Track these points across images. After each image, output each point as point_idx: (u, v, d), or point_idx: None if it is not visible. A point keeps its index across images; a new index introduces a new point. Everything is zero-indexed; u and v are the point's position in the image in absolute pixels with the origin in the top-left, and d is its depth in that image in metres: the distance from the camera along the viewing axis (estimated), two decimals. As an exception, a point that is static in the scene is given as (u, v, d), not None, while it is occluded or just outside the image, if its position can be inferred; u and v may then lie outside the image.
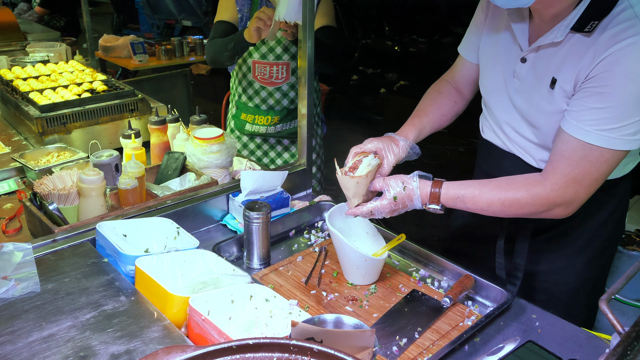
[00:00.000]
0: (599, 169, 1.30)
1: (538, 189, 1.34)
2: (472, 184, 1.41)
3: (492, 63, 1.58)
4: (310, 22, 1.89)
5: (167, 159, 2.03)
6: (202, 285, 1.33)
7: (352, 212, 1.46)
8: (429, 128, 1.67)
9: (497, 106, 1.60)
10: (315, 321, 1.12)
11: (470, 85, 1.77)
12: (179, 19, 8.02)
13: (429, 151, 5.34)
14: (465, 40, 1.73)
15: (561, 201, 1.34)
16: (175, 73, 5.00)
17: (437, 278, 1.57)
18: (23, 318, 1.18)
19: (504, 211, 1.39)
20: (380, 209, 1.42)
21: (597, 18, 1.26)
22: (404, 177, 1.43)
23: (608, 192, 1.56)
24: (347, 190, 1.44)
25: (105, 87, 2.55)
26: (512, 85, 1.51)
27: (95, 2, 10.04)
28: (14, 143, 2.44)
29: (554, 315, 1.41)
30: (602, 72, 1.24)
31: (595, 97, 1.26)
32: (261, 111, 2.60)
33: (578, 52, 1.31)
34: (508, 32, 1.52)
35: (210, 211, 1.84)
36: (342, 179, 1.43)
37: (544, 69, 1.40)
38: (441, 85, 1.78)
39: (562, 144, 1.32)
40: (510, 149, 1.61)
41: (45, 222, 1.58)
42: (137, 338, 1.13)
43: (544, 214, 1.38)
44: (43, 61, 3.06)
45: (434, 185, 1.41)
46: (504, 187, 1.38)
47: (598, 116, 1.25)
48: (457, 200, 1.40)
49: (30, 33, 4.41)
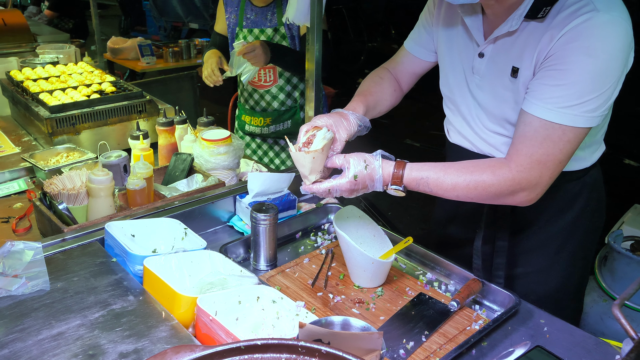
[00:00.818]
0: (562, 149, 1.29)
1: (503, 170, 1.33)
2: (435, 165, 1.38)
3: (451, 62, 1.59)
4: (318, 25, 1.89)
5: (175, 160, 2.04)
6: (210, 286, 1.34)
7: (307, 188, 1.40)
8: (373, 107, 1.64)
9: (462, 104, 1.60)
10: (323, 323, 1.13)
11: (410, 79, 1.78)
12: (186, 22, 8.03)
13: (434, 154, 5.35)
14: (412, 36, 1.75)
15: (526, 184, 1.32)
16: (182, 75, 5.02)
17: (444, 282, 1.57)
18: (33, 316, 1.19)
19: (468, 194, 1.36)
20: (338, 188, 1.36)
21: (549, 4, 1.28)
22: (365, 155, 1.38)
23: (578, 183, 1.56)
24: (303, 167, 1.38)
25: (114, 89, 2.56)
26: (472, 82, 1.52)
27: (103, 4, 10.10)
28: (24, 143, 2.46)
29: (562, 320, 1.40)
30: (560, 50, 1.25)
31: (555, 74, 1.26)
32: (255, 113, 2.72)
33: (535, 37, 1.32)
34: (463, 29, 1.53)
35: (217, 212, 1.85)
36: (296, 155, 1.37)
37: (503, 60, 1.41)
38: (382, 72, 1.78)
39: (525, 125, 1.32)
40: (480, 149, 1.60)
41: (54, 221, 1.59)
42: (145, 337, 1.14)
43: (508, 199, 1.36)
44: (53, 62, 3.08)
45: (397, 166, 1.37)
46: (469, 169, 1.36)
47: (558, 94, 1.26)
48: (421, 181, 1.37)
49: (40, 35, 4.44)
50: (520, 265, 1.68)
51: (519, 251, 1.67)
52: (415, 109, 6.40)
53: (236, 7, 2.64)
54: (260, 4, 2.56)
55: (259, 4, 2.56)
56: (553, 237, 1.63)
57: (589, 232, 1.68)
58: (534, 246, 1.65)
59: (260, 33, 2.55)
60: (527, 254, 1.67)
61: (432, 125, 6.17)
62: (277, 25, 2.51)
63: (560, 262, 1.66)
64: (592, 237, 1.71)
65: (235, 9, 2.64)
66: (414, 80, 1.79)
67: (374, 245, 1.61)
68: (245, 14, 2.60)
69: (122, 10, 9.45)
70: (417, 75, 1.78)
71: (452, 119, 1.68)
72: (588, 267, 1.77)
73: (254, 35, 2.57)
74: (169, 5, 7.98)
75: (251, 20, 2.59)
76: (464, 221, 1.77)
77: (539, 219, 1.62)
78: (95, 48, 4.49)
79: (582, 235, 1.66)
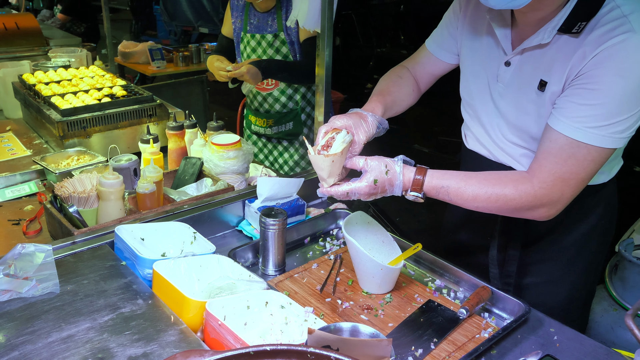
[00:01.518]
0: (586, 168, 1.29)
1: (526, 185, 1.32)
2: (457, 175, 1.37)
3: (475, 68, 1.58)
4: (329, 30, 1.90)
5: (185, 164, 2.05)
6: (218, 291, 1.34)
7: (326, 191, 1.39)
8: (391, 107, 1.62)
9: (482, 111, 1.58)
10: (332, 329, 1.12)
11: (429, 79, 1.77)
12: (196, 26, 8.10)
13: (443, 160, 5.34)
14: (435, 37, 1.73)
15: (547, 200, 1.32)
16: (192, 79, 5.05)
17: (453, 289, 1.57)
18: (43, 318, 1.20)
19: (488, 206, 1.36)
20: (357, 191, 1.36)
21: (585, 19, 1.26)
22: (386, 159, 1.37)
23: (595, 197, 1.55)
24: (322, 171, 1.36)
25: (125, 92, 2.58)
26: (495, 90, 1.51)
27: (113, 8, 10.17)
28: (35, 146, 2.48)
29: (572, 329, 1.39)
30: (592, 70, 1.24)
31: (585, 94, 1.25)
32: (259, 114, 2.78)
33: (567, 52, 1.30)
34: (490, 36, 1.52)
35: (226, 217, 1.85)
36: (315, 158, 1.35)
37: (531, 72, 1.40)
38: (402, 70, 1.76)
39: (550, 142, 1.31)
40: (497, 158, 1.59)
41: (65, 224, 1.60)
42: (154, 341, 1.14)
43: (527, 213, 1.36)
44: (64, 66, 3.11)
45: (418, 172, 1.36)
46: (492, 181, 1.35)
47: (587, 113, 1.24)
48: (441, 190, 1.36)
49: (52, 38, 4.47)
50: (531, 275, 1.67)
51: (530, 261, 1.66)
52: (425, 114, 6.40)
53: (241, 12, 2.68)
54: (262, 10, 2.59)
55: (261, 10, 2.59)
56: (566, 249, 1.62)
57: (601, 245, 1.68)
58: (546, 257, 1.64)
59: (262, 39, 2.59)
60: (538, 264, 1.66)
61: (441, 131, 6.16)
62: (277, 30, 2.54)
63: (572, 274, 1.64)
64: (603, 248, 1.70)
65: (240, 13, 2.68)
66: (432, 80, 1.78)
67: (382, 251, 1.60)
68: (249, 19, 2.65)
69: (132, 15, 9.52)
70: (436, 76, 1.77)
71: (470, 124, 1.66)
72: (597, 278, 1.76)
73: (256, 40, 2.61)
74: (180, 9, 8.05)
75: (254, 26, 2.62)
76: (476, 229, 1.76)
77: (553, 230, 1.60)
78: (106, 52, 4.52)
79: (595, 248, 1.65)
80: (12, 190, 2.10)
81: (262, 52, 2.62)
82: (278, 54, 2.58)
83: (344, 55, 9.24)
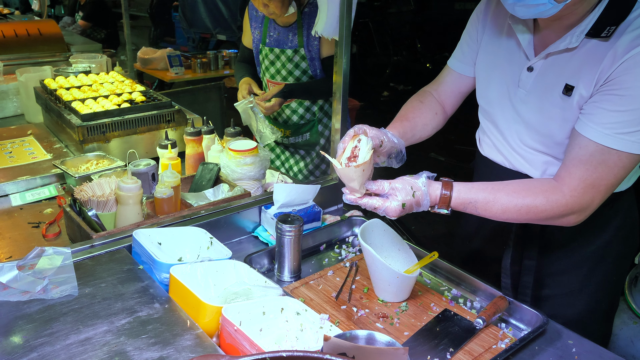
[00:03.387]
0: (616, 174, 1.28)
1: (557, 195, 1.31)
2: (484, 187, 1.35)
3: (493, 74, 1.56)
4: (347, 38, 1.90)
5: (202, 169, 2.06)
6: (234, 296, 1.34)
7: (355, 200, 1.35)
8: (410, 134, 1.60)
9: (501, 117, 1.57)
10: (347, 336, 1.12)
11: (455, 99, 1.73)
12: (214, 33, 8.17)
13: (459, 169, 5.31)
14: (457, 54, 1.70)
15: (578, 207, 1.31)
16: (210, 86, 5.09)
17: (470, 298, 1.55)
18: (61, 321, 1.21)
19: (519, 218, 1.35)
20: (386, 212, 1.33)
21: (614, 23, 1.26)
22: (412, 181, 1.34)
23: (613, 206, 1.53)
24: (353, 182, 1.32)
25: (144, 98, 2.61)
26: (516, 95, 1.49)
27: (133, 15, 10.30)
28: (55, 150, 2.51)
29: (591, 342, 1.37)
30: (622, 75, 1.23)
31: (615, 99, 1.24)
32: (277, 123, 2.80)
33: (596, 57, 1.29)
34: (510, 41, 1.50)
35: (242, 222, 1.86)
36: (345, 171, 1.31)
37: (556, 76, 1.39)
38: (424, 95, 1.73)
39: (580, 149, 1.30)
40: (513, 165, 1.57)
41: (84, 227, 1.62)
42: (170, 345, 1.15)
43: (557, 221, 1.35)
44: (85, 72, 3.15)
45: (445, 187, 1.34)
46: (521, 192, 1.33)
47: (617, 119, 1.24)
48: (469, 205, 1.34)
49: (74, 45, 4.54)
50: (548, 286, 1.65)
51: (547, 272, 1.64)
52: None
53: (260, 23, 2.68)
54: (283, 24, 2.59)
55: (281, 24, 2.60)
56: (584, 260, 1.60)
57: (622, 256, 1.65)
58: (564, 268, 1.62)
59: (281, 53, 2.60)
60: (556, 275, 1.64)
61: (457, 139, 6.13)
62: (297, 46, 2.55)
63: (591, 285, 1.62)
64: (624, 261, 1.67)
65: (259, 25, 2.69)
66: (459, 100, 1.73)
67: (398, 259, 1.60)
68: (268, 32, 2.65)
69: (152, 22, 9.64)
70: (463, 95, 1.72)
71: (487, 130, 1.65)
72: (619, 291, 1.73)
73: (274, 54, 2.62)
74: (198, 17, 8.12)
75: (274, 39, 2.63)
76: (490, 238, 1.74)
77: (571, 241, 1.59)
78: (125, 58, 4.58)
79: (615, 259, 1.63)
80: (33, 193, 2.13)
81: (281, 66, 2.63)
82: (297, 68, 2.61)
83: (360, 63, 9.26)
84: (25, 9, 7.97)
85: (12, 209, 2.03)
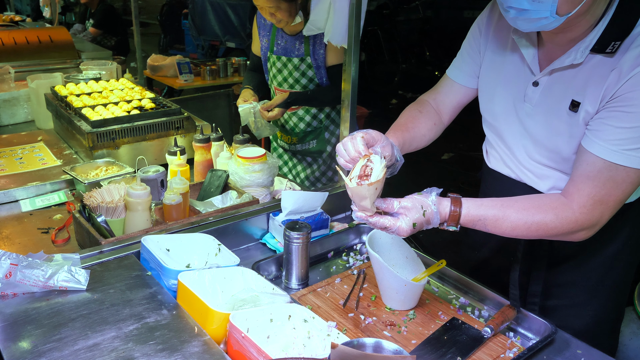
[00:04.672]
0: (625, 189, 1.28)
1: (567, 212, 1.30)
2: (494, 204, 1.33)
3: (498, 88, 1.55)
4: (356, 46, 1.91)
5: (210, 176, 2.07)
6: (242, 303, 1.35)
7: (364, 218, 1.30)
8: (408, 145, 1.57)
9: (507, 131, 1.56)
10: (355, 344, 1.12)
11: (453, 110, 1.71)
12: (223, 41, 8.21)
13: (469, 177, 5.30)
14: (457, 64, 1.68)
15: (588, 224, 1.31)
16: (219, 93, 5.12)
17: (478, 307, 1.54)
18: (70, 326, 1.22)
19: (528, 235, 1.33)
20: (397, 231, 1.29)
21: (619, 38, 1.25)
22: (422, 199, 1.31)
23: (621, 218, 1.52)
24: (364, 200, 1.29)
25: (153, 105, 2.63)
26: (523, 110, 1.48)
27: (143, 22, 10.39)
28: (65, 156, 2.53)
29: (600, 352, 1.36)
30: (628, 92, 1.22)
31: (622, 116, 1.24)
32: (285, 130, 2.81)
33: (601, 73, 1.29)
34: (515, 56, 1.49)
35: (250, 229, 1.86)
36: (358, 189, 1.27)
37: (561, 92, 1.38)
38: (422, 105, 1.70)
39: (587, 165, 1.29)
40: (520, 178, 1.57)
41: (92, 233, 1.63)
42: (178, 352, 1.15)
43: (566, 237, 1.34)
44: (95, 78, 3.18)
45: (454, 204, 1.31)
46: (530, 210, 1.32)
47: (625, 136, 1.23)
48: (478, 222, 1.32)
49: (84, 51, 4.58)
50: (557, 297, 1.64)
51: (556, 283, 1.63)
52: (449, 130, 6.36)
53: (268, 31, 2.70)
54: (290, 33, 2.61)
55: (288, 32, 2.62)
56: (593, 270, 1.59)
57: (629, 265, 1.64)
58: (573, 279, 1.61)
59: (288, 61, 2.61)
60: (564, 286, 1.63)
61: (466, 147, 6.12)
62: (303, 55, 2.57)
63: (600, 296, 1.61)
64: (631, 269, 1.66)
65: (267, 33, 2.71)
66: (456, 111, 1.72)
67: (406, 267, 1.59)
68: (276, 40, 2.67)
69: (161, 29, 9.72)
70: (461, 106, 1.71)
71: (494, 143, 1.64)
72: (626, 300, 1.72)
73: (282, 62, 2.64)
74: (207, 24, 8.18)
75: (281, 47, 2.65)
76: (498, 248, 1.73)
77: (579, 252, 1.58)
78: (135, 65, 4.62)
79: (623, 269, 1.62)
80: (42, 199, 2.15)
81: (288, 74, 2.65)
82: (304, 76, 2.62)
83: (369, 71, 9.28)
84: (36, 16, 8.06)
85: (22, 215, 2.04)
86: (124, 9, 12.61)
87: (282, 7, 2.38)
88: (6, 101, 3.13)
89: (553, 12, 1.22)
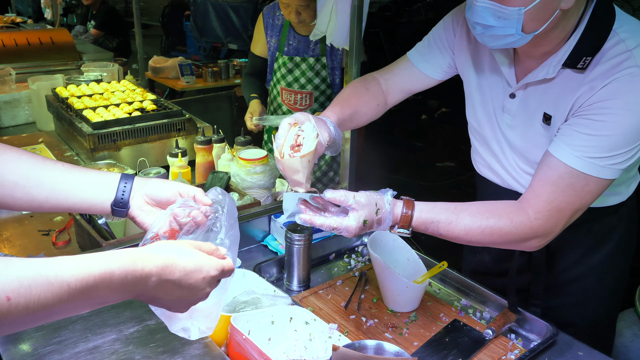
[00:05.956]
0: (582, 198, 1.25)
1: (522, 217, 1.26)
2: (447, 207, 1.27)
3: (480, 96, 1.54)
4: (357, 47, 1.91)
5: (212, 178, 2.07)
6: (243, 305, 1.35)
7: (309, 220, 1.21)
8: (348, 122, 1.50)
9: (491, 139, 1.55)
10: (356, 346, 1.11)
11: (402, 93, 1.65)
12: (225, 42, 8.22)
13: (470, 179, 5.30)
14: (421, 49, 1.63)
15: (542, 231, 1.27)
16: (221, 95, 5.11)
17: (479, 309, 1.54)
18: (70, 329, 1.21)
19: (482, 240, 1.28)
20: (346, 230, 1.20)
21: (590, 54, 1.25)
22: (376, 197, 1.22)
23: (615, 215, 1.53)
24: (297, 174, 1.20)
25: (155, 107, 2.62)
26: (503, 120, 1.48)
27: (145, 24, 10.41)
28: (66, 158, 2.53)
29: (602, 354, 1.36)
30: (600, 101, 1.22)
31: (590, 124, 1.23)
32: None
33: (572, 87, 1.28)
34: (492, 65, 1.48)
35: (252, 231, 1.86)
36: (290, 161, 1.20)
37: (536, 105, 1.38)
38: (370, 82, 1.62)
39: (549, 169, 1.26)
40: (509, 185, 1.56)
41: (93, 235, 1.63)
42: (179, 354, 1.15)
43: (520, 245, 1.30)
44: (97, 80, 3.18)
45: (406, 206, 1.24)
46: (485, 213, 1.27)
47: (590, 143, 1.22)
48: (431, 224, 1.26)
49: (85, 53, 4.58)
50: (557, 296, 1.64)
51: (556, 283, 1.63)
52: (450, 132, 6.37)
53: (278, 32, 2.69)
54: (304, 33, 2.61)
55: (303, 33, 2.61)
56: (593, 269, 1.60)
57: (625, 261, 1.66)
58: (572, 279, 1.62)
59: (302, 61, 2.61)
60: (564, 286, 1.63)
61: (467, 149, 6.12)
62: (319, 55, 2.57)
63: (600, 294, 1.62)
64: (627, 265, 1.68)
65: (276, 33, 2.69)
66: (405, 95, 1.66)
67: (408, 269, 1.59)
68: (287, 40, 2.66)
69: (163, 31, 9.72)
70: (412, 91, 1.65)
71: (480, 151, 1.63)
72: (623, 295, 1.74)
73: (294, 62, 2.63)
74: (209, 26, 8.19)
75: (293, 47, 2.64)
76: (498, 250, 1.73)
77: (576, 252, 1.59)
78: (137, 67, 4.62)
79: (620, 265, 1.64)
80: (44, 201, 2.14)
81: (300, 74, 2.64)
82: (317, 76, 2.62)
83: (370, 72, 9.27)
84: (38, 18, 8.06)
85: (22, 217, 2.04)
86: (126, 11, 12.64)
87: (311, 6, 2.39)
88: (7, 103, 3.13)
89: (519, 30, 1.21)
